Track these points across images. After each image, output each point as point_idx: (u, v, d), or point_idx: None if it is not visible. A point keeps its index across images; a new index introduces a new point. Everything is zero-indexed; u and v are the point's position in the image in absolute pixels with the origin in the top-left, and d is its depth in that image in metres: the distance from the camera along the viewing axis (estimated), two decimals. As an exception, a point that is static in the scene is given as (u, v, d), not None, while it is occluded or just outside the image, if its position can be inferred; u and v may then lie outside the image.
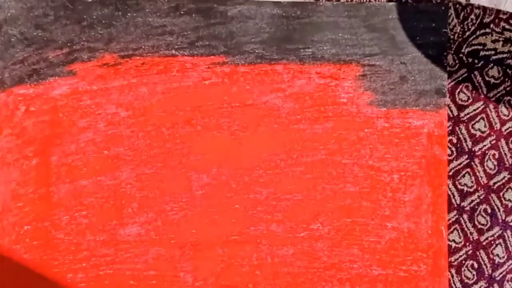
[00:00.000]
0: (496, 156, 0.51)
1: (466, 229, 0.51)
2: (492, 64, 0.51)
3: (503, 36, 0.50)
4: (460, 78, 0.51)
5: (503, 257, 0.51)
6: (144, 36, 0.47)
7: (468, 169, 0.51)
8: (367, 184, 0.50)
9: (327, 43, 0.49)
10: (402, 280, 0.50)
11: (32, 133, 0.45)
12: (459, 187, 0.51)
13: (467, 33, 0.51)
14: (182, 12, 0.48)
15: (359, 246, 0.49)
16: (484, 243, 0.51)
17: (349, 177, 0.49)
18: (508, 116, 0.51)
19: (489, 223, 0.51)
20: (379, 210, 0.50)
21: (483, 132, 0.51)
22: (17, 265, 0.45)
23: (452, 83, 0.51)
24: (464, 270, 0.50)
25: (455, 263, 0.50)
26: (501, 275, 0.51)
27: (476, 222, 0.51)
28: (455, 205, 0.51)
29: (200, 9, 0.48)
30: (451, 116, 0.51)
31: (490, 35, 0.50)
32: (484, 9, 0.50)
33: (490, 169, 0.51)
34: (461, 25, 0.51)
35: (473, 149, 0.51)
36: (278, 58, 0.49)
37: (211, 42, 0.48)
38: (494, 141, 0.51)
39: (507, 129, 0.51)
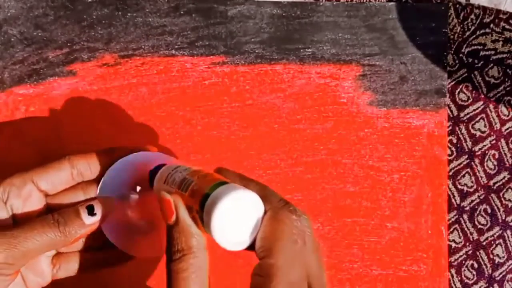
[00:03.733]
0: (496, 156, 0.51)
1: (466, 229, 0.51)
2: (492, 64, 0.51)
3: (503, 36, 0.50)
4: (460, 78, 0.51)
5: (503, 257, 0.51)
6: (144, 36, 0.47)
7: (468, 169, 0.51)
8: (367, 184, 0.50)
9: (327, 43, 0.49)
10: (402, 280, 0.50)
11: (32, 133, 0.45)
12: (459, 187, 0.51)
13: (467, 33, 0.51)
14: (182, 12, 0.48)
15: (359, 246, 0.49)
16: (484, 243, 0.51)
17: (349, 177, 0.49)
18: (508, 116, 0.51)
19: (489, 223, 0.51)
20: (379, 210, 0.50)
21: (483, 132, 0.51)
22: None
23: (452, 83, 0.51)
24: (464, 270, 0.50)
25: (455, 263, 0.50)
26: (501, 275, 0.51)
27: (476, 222, 0.51)
28: (455, 205, 0.51)
29: (200, 9, 0.48)
30: (451, 116, 0.51)
31: (490, 35, 0.50)
32: (484, 9, 0.50)
33: (490, 169, 0.51)
34: (461, 25, 0.51)
35: (473, 149, 0.51)
36: (278, 58, 0.49)
37: (211, 42, 0.48)
38: (494, 141, 0.51)
39: (507, 129, 0.51)
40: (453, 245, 0.50)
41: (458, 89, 0.51)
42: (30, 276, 0.36)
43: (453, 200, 0.51)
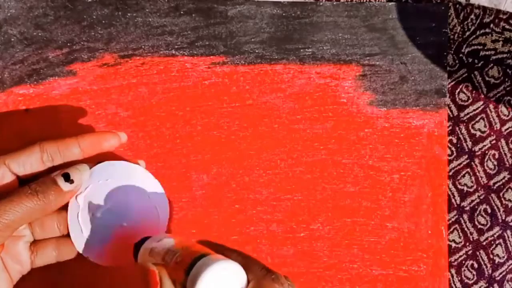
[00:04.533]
0: (496, 156, 0.51)
1: (466, 229, 0.51)
2: (492, 64, 0.51)
3: (503, 36, 0.50)
4: (460, 78, 0.51)
5: (503, 257, 0.51)
6: (144, 36, 0.47)
7: (468, 169, 0.51)
8: (367, 184, 0.50)
9: (327, 43, 0.49)
10: (402, 280, 0.50)
11: (32, 133, 0.45)
12: (459, 187, 0.51)
13: (467, 33, 0.51)
14: (182, 12, 0.48)
15: (359, 246, 0.49)
16: (484, 243, 0.51)
17: (349, 177, 0.49)
18: (508, 116, 0.51)
19: (489, 223, 0.51)
20: (379, 210, 0.50)
21: (483, 132, 0.51)
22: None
23: (452, 83, 0.51)
24: (464, 270, 0.50)
25: (455, 263, 0.50)
26: (501, 275, 0.51)
27: (476, 222, 0.51)
28: (455, 205, 0.51)
29: (200, 9, 0.48)
30: (451, 116, 0.51)
31: (490, 35, 0.50)
32: (484, 9, 0.50)
33: (490, 169, 0.51)
34: (461, 25, 0.51)
35: (473, 149, 0.51)
36: (278, 58, 0.49)
37: (211, 42, 0.48)
38: (494, 141, 0.51)
39: (507, 129, 0.51)
40: (453, 245, 0.50)
41: (458, 89, 0.51)
42: (10, 262, 0.37)
43: (453, 200, 0.51)
